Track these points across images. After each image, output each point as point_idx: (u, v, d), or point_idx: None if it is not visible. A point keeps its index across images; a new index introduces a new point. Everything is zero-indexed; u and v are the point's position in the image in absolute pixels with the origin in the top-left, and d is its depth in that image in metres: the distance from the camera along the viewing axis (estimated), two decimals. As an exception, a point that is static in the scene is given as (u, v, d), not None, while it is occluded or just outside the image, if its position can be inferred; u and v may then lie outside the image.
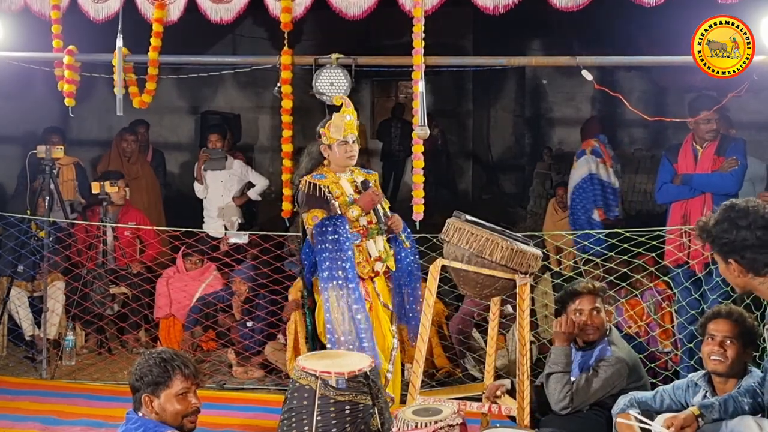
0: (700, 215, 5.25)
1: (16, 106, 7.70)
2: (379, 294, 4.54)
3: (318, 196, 4.40)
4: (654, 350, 5.49)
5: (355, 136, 4.53)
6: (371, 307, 4.46)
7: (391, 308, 4.59)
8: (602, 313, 4.06)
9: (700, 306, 5.27)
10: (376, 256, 4.47)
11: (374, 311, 4.48)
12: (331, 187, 4.45)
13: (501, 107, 12.54)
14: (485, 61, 5.94)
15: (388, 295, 4.61)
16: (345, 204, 4.42)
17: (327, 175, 4.51)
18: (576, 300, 4.07)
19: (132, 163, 7.49)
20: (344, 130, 4.46)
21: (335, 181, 4.50)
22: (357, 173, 4.63)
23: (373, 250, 4.46)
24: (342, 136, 4.46)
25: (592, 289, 4.07)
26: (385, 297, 4.57)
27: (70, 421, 4.92)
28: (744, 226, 2.87)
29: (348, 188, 4.50)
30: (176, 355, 3.19)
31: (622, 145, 11.56)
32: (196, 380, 3.19)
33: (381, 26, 7.02)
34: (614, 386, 3.88)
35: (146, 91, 5.79)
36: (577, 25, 8.90)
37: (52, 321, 6.15)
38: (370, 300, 4.46)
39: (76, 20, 5.74)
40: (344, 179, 4.53)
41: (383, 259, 4.50)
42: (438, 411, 3.59)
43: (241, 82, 11.20)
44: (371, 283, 4.49)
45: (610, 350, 3.97)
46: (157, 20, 5.56)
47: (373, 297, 4.50)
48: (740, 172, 5.30)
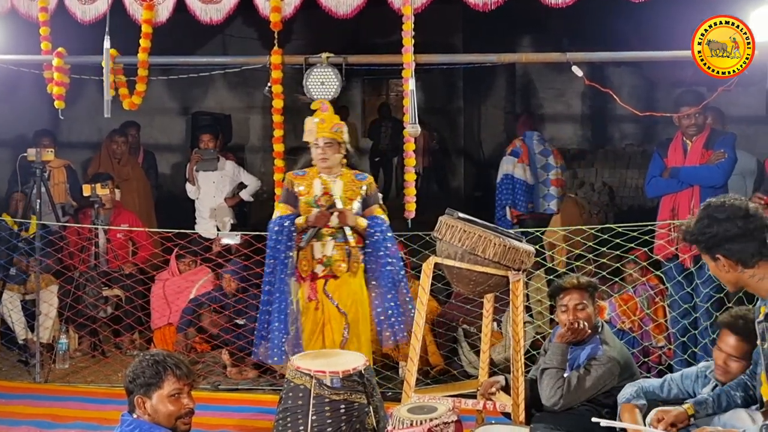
0: (688, 208, 5.30)
1: (5, 109, 7.67)
2: (330, 295, 4.56)
3: (289, 191, 4.62)
4: (647, 345, 5.50)
5: (329, 140, 4.56)
6: (317, 306, 4.56)
7: (344, 312, 4.58)
8: (589, 309, 4.01)
9: (692, 300, 5.29)
10: (318, 258, 4.55)
11: (321, 310, 4.57)
12: (299, 183, 4.58)
13: (492, 104, 12.53)
14: (475, 59, 5.94)
15: (347, 299, 4.60)
16: (306, 203, 4.56)
17: (309, 172, 4.61)
18: (561, 296, 4.07)
19: (122, 165, 7.47)
20: (315, 133, 4.53)
21: (310, 179, 4.59)
22: (348, 176, 4.65)
23: (318, 252, 4.55)
24: (313, 139, 4.56)
25: (576, 285, 4.04)
26: (340, 300, 4.57)
27: (65, 425, 4.90)
28: (723, 218, 2.89)
29: (317, 189, 4.56)
30: (169, 357, 3.18)
31: (613, 140, 11.59)
32: (189, 381, 3.18)
33: (371, 25, 7.01)
34: (605, 385, 3.88)
35: (136, 92, 5.78)
36: (566, 21, 8.93)
37: (45, 324, 6.13)
38: (316, 299, 4.55)
39: (64, 22, 5.72)
40: (319, 180, 4.59)
41: (324, 263, 4.55)
42: (433, 409, 3.60)
43: (232, 83, 11.16)
44: (321, 282, 4.57)
45: (602, 349, 3.94)
46: (146, 21, 5.55)
47: (321, 296, 4.56)
48: (727, 165, 5.31)
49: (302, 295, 4.64)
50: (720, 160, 5.30)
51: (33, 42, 5.77)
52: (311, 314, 4.62)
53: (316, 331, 4.60)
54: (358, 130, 12.35)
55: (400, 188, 11.31)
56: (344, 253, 4.59)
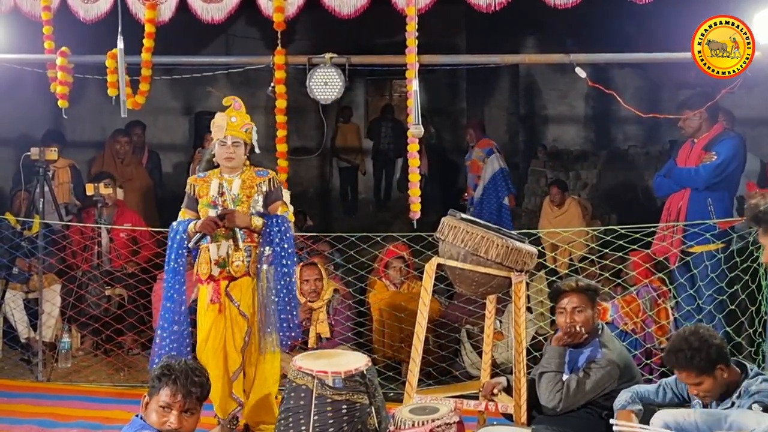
0: (677, 210, 5.31)
1: (8, 108, 7.68)
2: (233, 298, 4.43)
3: (191, 195, 4.49)
4: (650, 346, 5.50)
5: (237, 139, 4.39)
6: (221, 309, 4.42)
7: (247, 315, 4.44)
8: (587, 312, 3.97)
9: (695, 302, 5.29)
10: (215, 259, 4.40)
11: (224, 313, 4.42)
12: (200, 186, 4.46)
13: (495, 105, 12.53)
14: (479, 59, 5.94)
15: (247, 300, 4.44)
16: (205, 205, 4.43)
17: (209, 174, 4.47)
18: (560, 298, 4.04)
19: (125, 165, 7.47)
20: (225, 130, 4.38)
21: (208, 180, 4.46)
22: (248, 173, 4.48)
23: (214, 254, 4.40)
24: (222, 136, 4.39)
25: (575, 288, 4.00)
26: (241, 301, 4.44)
27: (67, 424, 4.90)
28: None
29: (213, 190, 4.42)
30: (183, 371, 3.07)
31: (616, 142, 11.58)
32: (183, 401, 3.04)
33: (374, 25, 7.01)
34: (605, 388, 3.87)
35: (139, 92, 5.78)
36: (570, 22, 8.92)
37: (47, 323, 6.13)
38: (219, 302, 4.41)
39: (66, 21, 5.72)
40: (215, 180, 4.44)
41: (220, 264, 4.40)
42: (435, 409, 3.60)
43: (235, 83, 11.13)
44: (225, 283, 4.43)
45: (601, 352, 3.93)
46: (149, 21, 5.56)
47: (223, 298, 4.42)
48: (709, 168, 5.26)
49: (203, 297, 4.46)
50: (707, 162, 5.28)
51: (35, 41, 5.77)
52: (211, 316, 4.43)
53: (215, 336, 4.43)
54: (361, 131, 12.34)
55: (402, 189, 11.33)
56: (242, 254, 4.41)
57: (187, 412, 3.07)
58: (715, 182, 5.29)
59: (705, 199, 5.28)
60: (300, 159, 9.92)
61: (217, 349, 4.44)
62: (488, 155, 8.62)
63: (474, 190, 8.73)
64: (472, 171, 8.89)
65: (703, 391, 3.39)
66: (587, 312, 3.98)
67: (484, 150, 8.69)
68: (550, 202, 7.76)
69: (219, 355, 4.44)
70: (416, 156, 5.37)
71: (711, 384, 3.36)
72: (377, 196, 12.42)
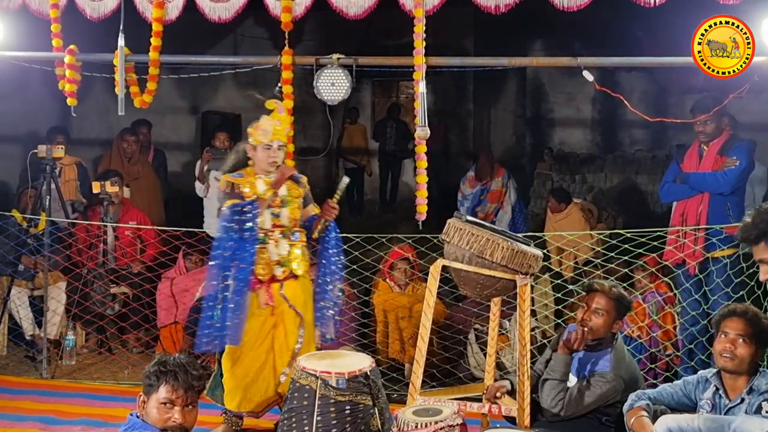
0: (696, 214, 5.28)
1: (16, 105, 7.70)
2: (287, 298, 4.44)
3: (234, 191, 4.46)
4: (654, 351, 5.48)
5: (282, 143, 4.49)
6: (273, 311, 4.42)
7: (301, 314, 4.46)
8: (606, 318, 3.95)
9: (701, 307, 5.27)
10: (276, 260, 4.41)
11: (278, 315, 4.43)
12: (244, 185, 4.45)
13: (502, 108, 12.52)
14: (486, 62, 5.94)
15: (301, 300, 4.48)
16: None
17: (245, 175, 4.49)
18: (589, 295, 4.04)
19: (132, 164, 7.48)
20: (271, 135, 4.44)
21: (252, 181, 4.47)
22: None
23: (273, 254, 4.41)
24: (268, 140, 4.45)
25: (606, 291, 3.99)
26: (296, 301, 4.46)
27: (70, 421, 4.91)
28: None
29: (261, 188, 4.44)
30: (179, 365, 3.08)
31: (623, 145, 11.56)
32: (184, 395, 3.05)
33: (382, 26, 7.02)
34: (608, 400, 3.87)
35: (147, 90, 5.79)
36: (578, 25, 8.89)
37: (52, 321, 6.14)
38: (272, 303, 4.42)
39: (74, 19, 5.73)
40: (260, 181, 4.47)
41: (282, 263, 4.42)
42: (438, 411, 3.59)
43: (242, 82, 11.19)
44: (277, 286, 4.43)
45: (610, 366, 3.91)
46: (157, 19, 5.56)
47: (277, 301, 4.42)
48: (735, 172, 5.27)
49: (255, 302, 4.40)
50: (730, 167, 5.28)
51: (42, 39, 5.78)
52: (259, 320, 4.42)
53: (263, 337, 4.43)
54: (368, 132, 12.34)
55: (408, 189, 11.33)
56: (302, 252, 4.50)
57: (188, 405, 3.08)
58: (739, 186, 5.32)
59: (724, 203, 5.27)
60: (306, 159, 9.91)
61: (266, 350, 4.44)
62: (507, 179, 8.16)
63: (495, 215, 8.14)
64: (492, 201, 8.22)
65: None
66: (607, 318, 3.96)
67: (503, 177, 8.21)
68: (549, 209, 7.76)
69: (266, 357, 4.44)
70: (424, 158, 5.35)
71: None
72: (383, 197, 12.42)
